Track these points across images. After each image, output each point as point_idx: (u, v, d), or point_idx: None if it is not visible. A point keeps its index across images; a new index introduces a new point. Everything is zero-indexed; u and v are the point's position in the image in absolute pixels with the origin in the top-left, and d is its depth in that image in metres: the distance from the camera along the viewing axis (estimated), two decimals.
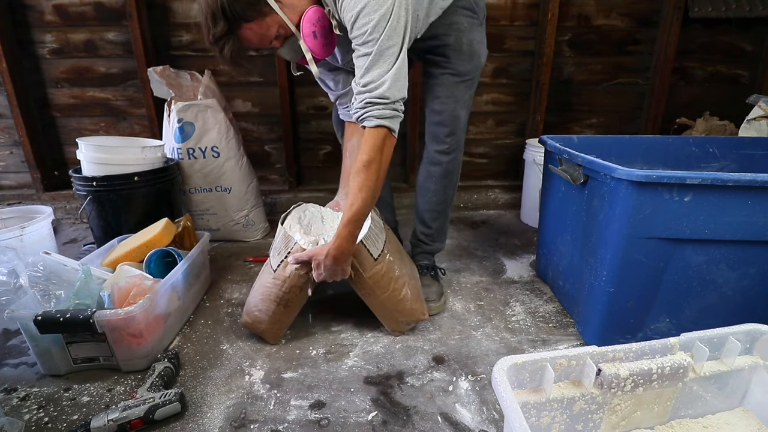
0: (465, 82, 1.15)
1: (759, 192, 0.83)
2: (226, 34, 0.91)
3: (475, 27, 1.14)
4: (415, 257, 1.35)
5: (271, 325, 1.04)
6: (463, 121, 1.18)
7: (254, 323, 1.05)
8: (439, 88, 1.15)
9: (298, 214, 1.11)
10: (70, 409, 0.86)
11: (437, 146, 1.19)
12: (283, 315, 1.03)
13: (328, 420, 0.83)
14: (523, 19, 1.96)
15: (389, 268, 1.05)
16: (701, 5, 1.89)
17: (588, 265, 1.03)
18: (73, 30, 1.88)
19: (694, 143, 1.36)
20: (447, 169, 1.21)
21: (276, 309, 1.02)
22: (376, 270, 1.02)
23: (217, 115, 1.62)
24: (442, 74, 1.14)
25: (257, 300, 1.04)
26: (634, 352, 0.66)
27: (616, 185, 0.89)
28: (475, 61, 1.14)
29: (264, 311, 1.03)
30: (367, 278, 1.01)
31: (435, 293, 1.22)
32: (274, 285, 1.01)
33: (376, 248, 1.03)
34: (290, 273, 0.98)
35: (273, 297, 1.01)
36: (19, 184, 2.10)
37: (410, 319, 1.08)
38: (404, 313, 1.07)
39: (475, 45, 1.14)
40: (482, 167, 2.21)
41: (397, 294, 1.05)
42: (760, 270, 0.91)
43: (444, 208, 1.28)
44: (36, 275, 1.02)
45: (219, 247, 1.71)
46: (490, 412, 0.85)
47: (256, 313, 1.04)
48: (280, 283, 1.00)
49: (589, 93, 2.09)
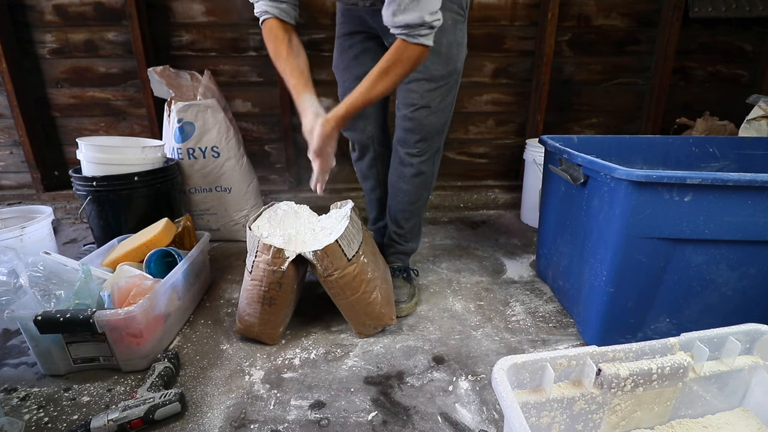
0: (440, 88, 1.10)
1: (759, 192, 0.83)
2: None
3: (459, 24, 1.09)
4: (388, 258, 1.33)
5: (263, 327, 1.04)
6: (437, 127, 1.14)
7: (246, 328, 1.06)
8: (411, 93, 1.11)
9: (268, 214, 1.11)
10: (70, 409, 0.86)
11: (407, 149, 1.17)
12: (271, 314, 1.03)
13: (328, 420, 0.83)
14: (523, 19, 1.96)
15: (362, 270, 1.04)
16: (701, 5, 1.88)
17: (588, 265, 1.03)
18: (73, 30, 1.88)
19: (694, 143, 1.36)
20: (419, 170, 1.19)
21: (262, 309, 1.02)
22: (348, 271, 1.01)
23: (217, 115, 1.62)
24: (416, 79, 1.09)
25: (244, 305, 1.05)
26: (634, 352, 0.66)
27: (616, 185, 0.89)
28: (451, 65, 1.09)
29: (252, 314, 1.03)
30: (338, 278, 1.01)
31: (406, 294, 1.21)
32: (253, 286, 1.01)
33: (351, 249, 1.03)
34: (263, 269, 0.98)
35: (256, 298, 1.01)
36: (19, 184, 2.10)
37: (378, 323, 1.09)
38: (372, 317, 1.07)
39: (454, 48, 1.09)
40: (482, 167, 2.21)
41: (367, 297, 1.05)
42: (760, 270, 0.91)
43: (417, 208, 1.26)
44: (36, 275, 1.02)
45: (219, 247, 1.71)
46: (490, 412, 0.85)
47: (246, 317, 1.05)
48: (258, 283, 1.00)
49: (589, 93, 2.09)
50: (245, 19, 1.90)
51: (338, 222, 1.08)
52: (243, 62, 1.97)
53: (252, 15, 1.96)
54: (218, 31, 1.92)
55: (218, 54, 1.95)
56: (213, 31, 1.92)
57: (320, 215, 1.17)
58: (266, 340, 1.06)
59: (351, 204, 1.15)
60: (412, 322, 1.16)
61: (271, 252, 0.97)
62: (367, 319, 1.07)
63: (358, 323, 1.08)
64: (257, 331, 1.05)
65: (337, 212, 1.15)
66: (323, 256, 0.97)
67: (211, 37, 1.93)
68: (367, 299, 1.05)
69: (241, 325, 1.06)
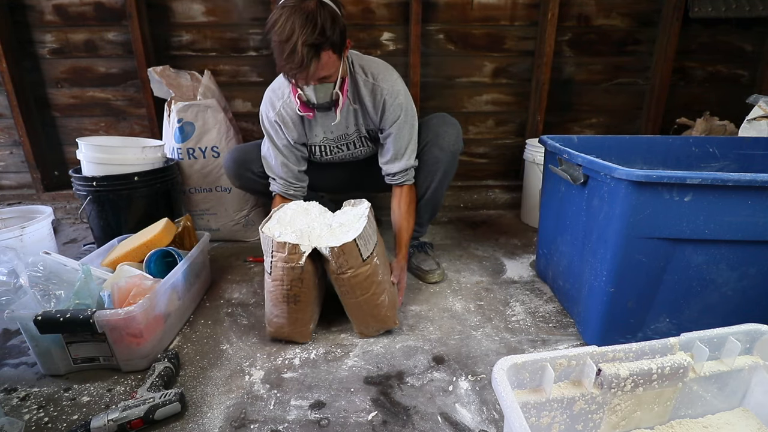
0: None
1: (759, 192, 0.83)
2: (314, 46, 1.00)
3: None
4: None
5: (293, 326, 1.04)
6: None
7: (277, 330, 1.05)
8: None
9: (278, 215, 1.11)
10: (70, 409, 0.86)
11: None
12: (298, 312, 1.03)
13: (328, 420, 0.83)
14: (523, 19, 1.96)
15: (374, 271, 1.04)
16: (701, 5, 1.88)
17: (588, 265, 1.03)
18: (73, 30, 1.88)
19: (694, 143, 1.36)
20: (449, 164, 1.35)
21: (289, 308, 1.02)
22: (361, 271, 1.01)
23: (217, 115, 1.62)
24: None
25: (270, 307, 1.04)
26: (634, 352, 0.66)
27: (616, 185, 0.89)
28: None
29: (280, 315, 1.03)
30: (351, 277, 1.00)
31: (434, 263, 1.41)
32: (275, 287, 1.01)
33: (367, 249, 1.02)
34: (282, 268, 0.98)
35: (281, 298, 1.01)
36: (19, 184, 2.10)
37: (381, 326, 1.09)
38: (377, 319, 1.07)
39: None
40: (482, 167, 2.21)
41: (375, 298, 1.05)
42: (760, 270, 0.91)
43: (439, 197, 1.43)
44: (36, 275, 1.02)
45: (219, 247, 1.71)
46: (490, 412, 0.85)
47: (275, 319, 1.04)
48: (279, 282, 1.00)
49: (589, 93, 2.09)
50: (245, 19, 1.90)
51: (356, 220, 1.08)
52: (243, 62, 1.97)
53: (252, 15, 1.96)
54: (218, 31, 1.92)
55: (218, 54, 1.95)
56: (213, 31, 1.92)
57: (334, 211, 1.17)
58: (298, 339, 1.07)
59: (368, 204, 1.14)
60: (412, 322, 1.16)
61: (286, 249, 0.97)
62: (372, 321, 1.07)
63: (361, 323, 1.08)
64: (288, 331, 1.05)
65: (352, 210, 1.14)
66: (340, 253, 0.97)
67: (211, 37, 1.93)
68: (375, 301, 1.05)
69: (271, 328, 1.06)
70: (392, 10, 1.92)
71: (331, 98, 1.14)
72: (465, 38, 1.97)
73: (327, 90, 1.12)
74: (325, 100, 1.14)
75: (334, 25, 1.02)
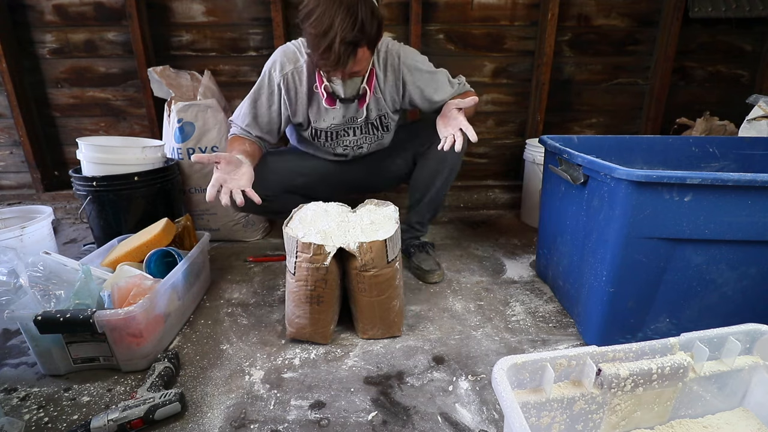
0: None
1: (759, 192, 0.83)
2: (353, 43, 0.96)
3: None
4: (405, 241, 1.47)
5: (314, 327, 1.04)
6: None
7: (298, 331, 1.05)
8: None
9: (299, 215, 1.11)
10: (70, 409, 0.86)
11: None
12: (320, 313, 1.03)
13: (328, 420, 0.83)
14: (523, 19, 1.96)
15: (394, 275, 1.05)
16: (701, 5, 1.88)
17: (588, 265, 1.03)
18: (73, 30, 1.88)
19: (694, 143, 1.36)
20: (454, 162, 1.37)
21: (311, 309, 1.02)
22: (384, 272, 1.01)
23: (217, 115, 1.62)
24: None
25: (292, 307, 1.04)
26: (634, 352, 0.66)
27: (616, 185, 0.89)
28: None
29: (302, 315, 1.03)
30: (374, 275, 1.01)
31: (435, 263, 1.40)
32: (299, 287, 1.01)
33: (393, 252, 1.03)
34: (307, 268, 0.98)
35: (304, 298, 1.01)
36: (19, 184, 2.10)
37: (387, 330, 1.09)
38: (386, 322, 1.07)
39: None
40: (482, 167, 2.21)
41: (389, 301, 1.05)
42: (760, 270, 0.91)
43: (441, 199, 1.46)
44: (36, 275, 1.02)
45: (219, 247, 1.71)
46: (490, 412, 0.85)
47: (297, 320, 1.04)
48: (303, 283, 1.00)
49: (589, 93, 2.09)
50: (245, 19, 1.90)
51: (386, 221, 1.08)
52: (243, 62, 1.97)
53: (252, 15, 1.96)
54: (218, 31, 1.92)
55: (218, 54, 1.95)
56: (213, 31, 1.92)
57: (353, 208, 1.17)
58: (319, 340, 1.06)
59: (395, 207, 1.14)
60: (412, 322, 1.16)
61: (312, 249, 0.96)
62: (380, 323, 1.07)
63: (368, 323, 1.08)
64: (309, 332, 1.05)
65: (377, 209, 1.14)
66: (368, 250, 0.98)
67: (211, 37, 1.92)
68: (388, 304, 1.05)
69: (292, 328, 1.06)
70: (392, 10, 1.92)
71: (357, 93, 1.11)
72: (465, 38, 1.97)
73: (355, 85, 1.09)
74: (352, 94, 1.11)
75: (373, 20, 0.96)
